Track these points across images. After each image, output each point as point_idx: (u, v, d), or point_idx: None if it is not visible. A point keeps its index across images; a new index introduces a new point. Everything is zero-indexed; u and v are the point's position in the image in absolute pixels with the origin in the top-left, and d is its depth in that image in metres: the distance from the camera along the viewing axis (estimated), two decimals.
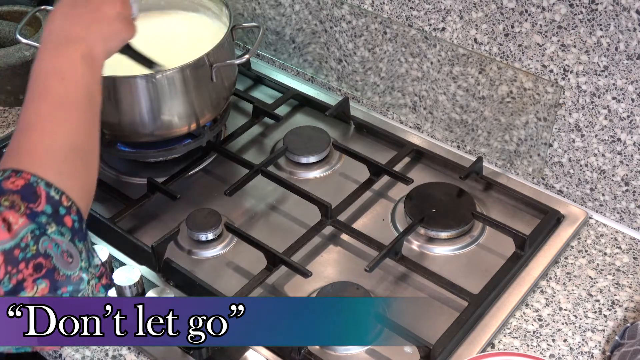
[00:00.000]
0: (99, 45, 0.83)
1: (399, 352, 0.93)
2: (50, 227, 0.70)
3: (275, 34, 1.37)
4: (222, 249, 1.07)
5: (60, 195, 0.71)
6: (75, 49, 0.80)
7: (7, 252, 0.65)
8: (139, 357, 0.95)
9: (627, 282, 1.01)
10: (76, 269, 0.71)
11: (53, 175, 0.71)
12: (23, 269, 0.66)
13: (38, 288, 0.67)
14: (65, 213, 0.71)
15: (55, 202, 0.71)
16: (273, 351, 0.93)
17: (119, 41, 0.89)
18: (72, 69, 0.79)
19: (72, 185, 0.73)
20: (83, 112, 0.79)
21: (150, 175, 1.15)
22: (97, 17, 0.85)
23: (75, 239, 0.72)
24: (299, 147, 1.20)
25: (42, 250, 0.68)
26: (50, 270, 0.68)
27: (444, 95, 1.19)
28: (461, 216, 1.08)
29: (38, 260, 0.67)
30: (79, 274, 0.71)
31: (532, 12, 1.02)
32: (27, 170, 0.70)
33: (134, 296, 0.99)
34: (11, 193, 0.68)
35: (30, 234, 0.67)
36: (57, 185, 0.71)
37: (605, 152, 1.05)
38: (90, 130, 0.79)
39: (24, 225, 0.67)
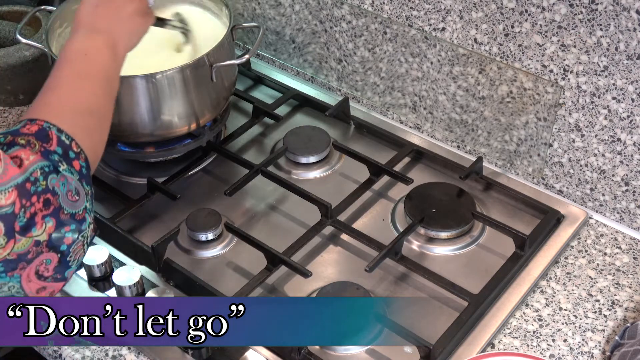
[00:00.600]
0: (121, 40, 0.91)
1: (399, 352, 0.93)
2: (62, 165, 0.74)
3: (275, 34, 1.37)
4: (222, 249, 1.07)
5: (71, 141, 0.76)
6: (100, 38, 0.88)
7: (19, 186, 0.68)
8: (139, 357, 0.95)
9: (627, 282, 1.01)
10: (81, 208, 0.74)
11: (65, 125, 0.76)
12: (35, 202, 0.69)
13: (46, 226, 0.70)
14: (74, 157, 0.76)
15: (65, 146, 0.75)
16: (273, 351, 0.93)
17: (139, 36, 0.96)
18: (96, 50, 0.87)
19: (82, 137, 0.78)
20: (101, 85, 0.85)
21: (150, 175, 1.15)
22: (119, 15, 0.92)
23: (83, 181, 0.76)
24: (299, 147, 1.20)
25: (50, 186, 0.71)
26: (56, 209, 0.71)
27: (444, 95, 1.19)
28: (461, 216, 1.08)
29: (47, 195, 0.70)
30: (82, 214, 0.74)
31: (532, 12, 1.02)
32: (42, 118, 0.76)
33: (134, 296, 0.99)
34: (26, 135, 0.74)
35: (40, 170, 0.70)
36: (68, 132, 0.76)
37: (605, 152, 1.05)
38: (105, 102, 0.85)
39: (35, 161, 0.70)
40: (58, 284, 0.74)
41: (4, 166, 0.67)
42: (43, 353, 1.00)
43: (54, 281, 0.74)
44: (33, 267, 0.70)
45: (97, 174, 1.19)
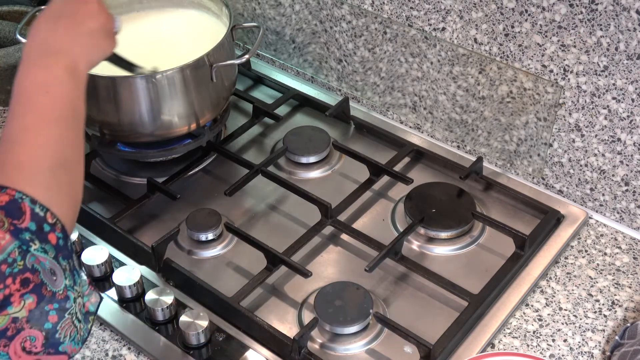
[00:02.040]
0: (82, 59, 0.83)
1: (399, 352, 0.93)
2: (34, 244, 0.68)
3: (275, 34, 1.37)
4: (222, 249, 1.07)
5: (45, 212, 0.70)
6: (60, 62, 0.80)
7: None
8: (139, 357, 0.95)
9: (627, 282, 1.01)
10: (61, 287, 0.70)
11: (38, 192, 0.70)
12: (10, 284, 0.65)
13: (25, 303, 0.67)
14: (49, 230, 0.70)
15: (40, 219, 0.69)
16: (273, 351, 0.93)
17: (101, 54, 0.89)
18: (57, 82, 0.79)
19: (57, 201, 0.72)
20: (68, 125, 0.78)
21: (150, 175, 1.15)
22: (81, 30, 0.85)
23: (60, 256, 0.71)
24: (299, 147, 1.20)
25: (29, 265, 0.67)
26: (37, 285, 0.67)
27: (444, 95, 1.19)
28: (461, 216, 1.08)
29: (25, 275, 0.66)
30: (64, 292, 0.70)
31: (532, 12, 1.02)
32: (12, 187, 0.69)
33: (133, 296, 0.99)
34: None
35: (18, 249, 0.66)
36: (42, 201, 0.70)
37: (605, 152, 1.05)
38: (75, 144, 0.78)
39: (10, 241, 0.66)
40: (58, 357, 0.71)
41: None
42: None
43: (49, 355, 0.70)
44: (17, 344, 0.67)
45: (97, 174, 1.19)
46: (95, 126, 1.14)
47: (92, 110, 1.11)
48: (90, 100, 1.09)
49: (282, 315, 0.98)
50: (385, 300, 1.00)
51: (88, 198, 1.16)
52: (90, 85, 1.08)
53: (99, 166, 1.21)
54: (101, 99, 1.09)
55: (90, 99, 1.09)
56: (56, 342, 0.70)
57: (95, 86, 1.08)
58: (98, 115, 1.11)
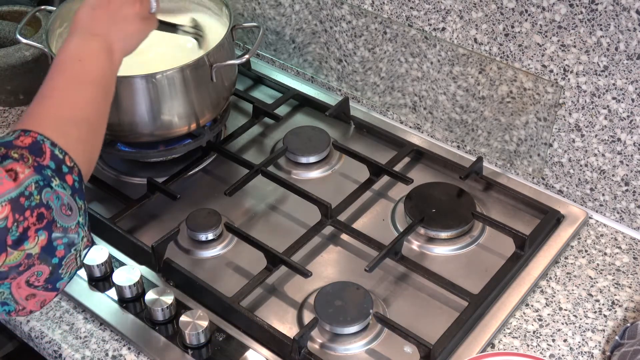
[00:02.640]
0: (118, 44, 0.90)
1: (399, 352, 0.93)
2: (55, 180, 0.73)
3: (275, 34, 1.37)
4: (222, 249, 1.07)
5: (64, 155, 0.75)
6: (96, 41, 0.87)
7: (13, 201, 0.68)
8: (139, 357, 0.95)
9: (627, 282, 1.01)
10: (74, 222, 0.74)
11: (59, 137, 0.76)
12: (28, 217, 0.69)
13: (39, 239, 0.70)
14: (67, 172, 0.75)
15: (59, 160, 0.75)
16: (273, 351, 0.93)
17: (137, 40, 0.95)
18: (92, 55, 0.86)
19: (76, 150, 0.77)
20: (95, 91, 0.84)
21: (150, 175, 1.15)
22: (118, 17, 0.91)
23: (76, 196, 0.76)
24: (299, 147, 1.20)
25: (44, 200, 0.71)
26: (49, 222, 0.71)
27: (444, 95, 1.19)
28: (461, 216, 1.08)
29: (41, 209, 0.70)
30: (75, 228, 0.74)
31: (532, 12, 1.02)
32: (35, 130, 0.75)
33: (133, 296, 0.99)
34: (20, 148, 0.73)
35: (35, 184, 0.70)
36: (61, 146, 0.75)
37: (605, 152, 1.05)
38: (100, 109, 0.85)
39: (30, 175, 0.70)
40: (49, 293, 0.75)
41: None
42: (43, 353, 1.00)
43: (45, 290, 0.74)
44: (24, 278, 0.71)
45: (97, 174, 1.19)
46: None
47: None
48: None
49: (282, 315, 0.98)
50: (385, 300, 1.00)
51: (88, 198, 1.15)
52: None
53: (99, 166, 1.21)
54: None
55: None
56: (57, 277, 0.74)
57: None
58: None
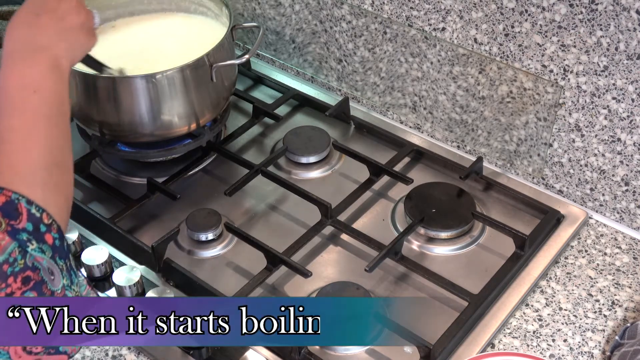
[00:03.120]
0: (65, 55, 0.82)
1: (399, 352, 0.93)
2: (31, 244, 0.68)
3: (275, 34, 1.37)
4: (222, 249, 1.07)
5: (42, 213, 0.70)
6: (44, 59, 0.79)
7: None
8: (139, 357, 0.95)
9: (627, 282, 1.01)
10: (59, 286, 0.70)
11: (35, 192, 0.70)
12: (12, 283, 0.66)
13: None
14: (46, 230, 0.70)
15: (36, 220, 0.70)
16: (273, 351, 0.93)
17: (83, 51, 0.89)
18: (43, 80, 0.78)
19: (53, 201, 0.72)
20: (57, 122, 0.77)
21: (150, 175, 1.15)
22: (62, 27, 0.84)
23: (56, 256, 0.71)
24: (299, 147, 1.20)
25: (29, 263, 0.67)
26: (38, 283, 0.68)
27: (444, 95, 1.19)
28: (461, 216, 1.08)
29: (26, 273, 0.67)
30: (62, 292, 0.71)
31: (532, 12, 1.02)
32: (8, 188, 0.69)
33: (133, 296, 0.99)
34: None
35: (18, 249, 0.67)
36: (38, 202, 0.70)
37: (605, 152, 1.05)
38: (65, 143, 0.78)
39: (10, 241, 0.66)
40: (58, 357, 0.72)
41: None
42: None
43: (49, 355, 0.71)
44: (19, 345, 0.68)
45: (97, 174, 1.19)
46: (95, 126, 1.14)
47: (92, 110, 1.12)
48: (90, 100, 1.11)
49: None
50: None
51: (88, 198, 1.16)
52: (91, 85, 1.09)
53: (99, 166, 1.21)
54: (101, 99, 1.09)
55: (90, 99, 1.11)
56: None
57: (95, 86, 1.08)
58: (98, 115, 1.11)
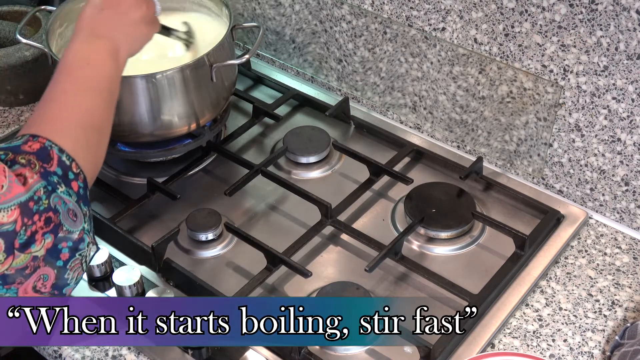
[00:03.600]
0: (124, 46, 0.90)
1: (399, 352, 0.93)
2: (60, 187, 0.74)
3: (275, 34, 1.37)
4: (222, 249, 1.07)
5: (71, 162, 0.76)
6: (103, 44, 0.87)
7: (22, 205, 0.69)
8: (139, 357, 0.95)
9: (627, 282, 1.01)
10: (79, 228, 0.75)
11: (67, 144, 0.76)
12: (37, 221, 0.70)
13: (45, 242, 0.71)
14: (73, 178, 0.76)
15: (65, 167, 0.76)
16: (273, 351, 0.93)
17: (142, 43, 0.95)
18: (98, 58, 0.86)
19: (83, 156, 0.78)
20: (102, 96, 0.85)
21: (150, 175, 1.15)
22: (125, 21, 0.91)
23: (81, 202, 0.77)
24: (299, 147, 1.20)
25: (52, 205, 0.71)
26: (56, 225, 0.72)
27: (444, 95, 1.19)
28: (461, 216, 1.08)
29: (49, 214, 0.71)
30: (80, 234, 0.75)
31: (532, 12, 1.02)
32: (44, 136, 0.75)
33: (133, 296, 0.99)
34: (27, 154, 0.74)
35: (43, 189, 0.71)
36: (69, 152, 0.76)
37: (605, 152, 1.05)
38: (106, 114, 0.85)
39: (38, 180, 0.71)
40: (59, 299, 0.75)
41: (9, 184, 0.68)
42: (43, 353, 1.00)
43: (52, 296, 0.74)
44: (30, 282, 0.71)
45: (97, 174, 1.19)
46: None
47: None
48: None
49: None
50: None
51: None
52: None
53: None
54: None
55: None
56: (64, 282, 0.74)
57: None
58: None
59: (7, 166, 0.71)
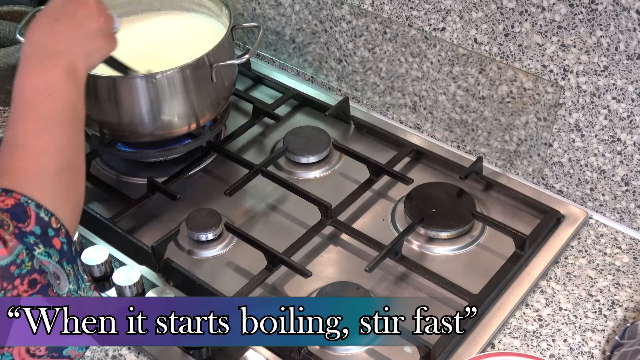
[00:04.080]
0: (81, 61, 0.82)
1: (399, 352, 0.93)
2: (38, 248, 0.69)
3: (275, 34, 1.37)
4: (222, 249, 1.07)
5: (50, 217, 0.70)
6: (59, 64, 0.80)
7: (3, 269, 0.65)
8: (139, 357, 0.95)
9: (627, 282, 1.01)
10: (64, 291, 0.71)
11: (45, 196, 0.71)
12: (18, 285, 0.66)
13: None
14: (54, 235, 0.71)
15: (44, 224, 0.70)
16: (273, 351, 0.93)
17: (100, 56, 0.89)
18: (58, 85, 0.78)
19: (62, 206, 0.72)
20: (70, 128, 0.78)
21: (150, 175, 1.15)
22: (80, 32, 0.84)
23: (64, 261, 0.71)
24: (299, 147, 1.20)
25: (37, 266, 0.67)
26: (44, 286, 0.68)
27: (444, 95, 1.19)
28: (461, 216, 1.08)
29: (33, 276, 0.67)
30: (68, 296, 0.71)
31: (532, 12, 1.02)
32: (18, 191, 0.69)
33: (133, 296, 0.99)
34: (0, 211, 0.68)
35: (26, 251, 0.67)
36: (47, 206, 0.70)
37: (605, 152, 1.05)
38: (78, 148, 0.79)
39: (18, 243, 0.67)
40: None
41: None
42: None
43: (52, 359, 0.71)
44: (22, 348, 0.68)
45: (97, 174, 1.19)
46: (95, 126, 1.14)
47: (92, 110, 1.11)
48: (90, 100, 1.10)
49: None
50: None
51: (88, 198, 1.15)
52: (90, 85, 1.08)
53: (99, 166, 1.21)
54: (101, 99, 1.09)
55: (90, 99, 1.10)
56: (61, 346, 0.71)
57: (95, 86, 1.08)
58: (98, 115, 1.11)
59: None
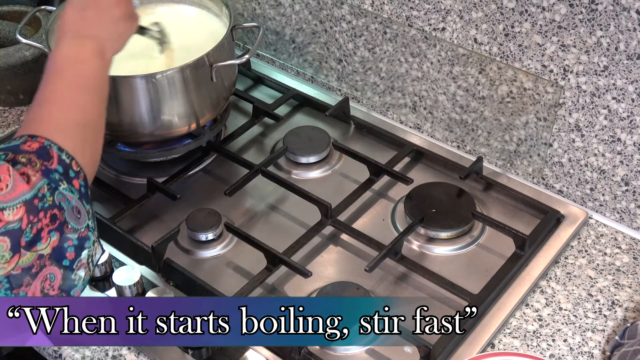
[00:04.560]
0: (109, 44, 0.91)
1: (399, 352, 0.93)
2: (62, 184, 0.75)
3: (275, 34, 1.37)
4: (222, 249, 1.07)
5: (71, 160, 0.77)
6: (89, 45, 0.88)
7: (27, 202, 0.69)
8: (139, 357, 0.95)
9: (627, 282, 1.01)
10: (83, 225, 0.75)
11: (65, 142, 0.77)
12: (42, 218, 0.70)
13: (51, 240, 0.71)
14: (74, 176, 0.77)
15: (66, 165, 0.76)
16: (273, 351, 0.93)
17: (125, 39, 0.96)
18: (87, 57, 0.87)
19: (81, 154, 0.79)
20: (95, 95, 0.86)
21: (150, 175, 1.15)
22: (106, 19, 0.91)
23: (83, 200, 0.77)
24: (299, 147, 1.20)
25: (57, 202, 0.72)
26: (62, 223, 0.73)
27: (444, 95, 1.19)
28: (461, 216, 1.08)
29: (54, 211, 0.72)
30: (85, 231, 0.75)
31: (532, 12, 1.02)
32: (42, 135, 0.76)
33: (133, 296, 0.99)
34: (27, 153, 0.74)
35: (47, 186, 0.72)
36: (68, 151, 0.77)
37: (605, 152, 1.05)
38: (99, 112, 0.86)
39: (40, 178, 0.72)
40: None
41: (13, 182, 0.69)
42: (43, 353, 1.00)
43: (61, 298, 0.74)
44: (38, 284, 0.71)
45: (97, 174, 1.17)
46: None
47: None
48: None
49: None
50: None
51: None
52: None
53: (99, 166, 1.21)
54: None
55: None
56: (71, 284, 0.75)
57: None
58: None
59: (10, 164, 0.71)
